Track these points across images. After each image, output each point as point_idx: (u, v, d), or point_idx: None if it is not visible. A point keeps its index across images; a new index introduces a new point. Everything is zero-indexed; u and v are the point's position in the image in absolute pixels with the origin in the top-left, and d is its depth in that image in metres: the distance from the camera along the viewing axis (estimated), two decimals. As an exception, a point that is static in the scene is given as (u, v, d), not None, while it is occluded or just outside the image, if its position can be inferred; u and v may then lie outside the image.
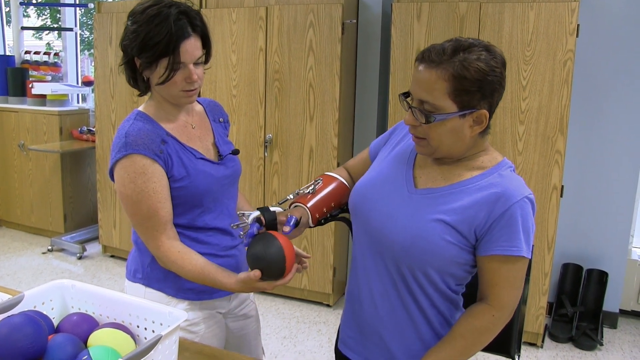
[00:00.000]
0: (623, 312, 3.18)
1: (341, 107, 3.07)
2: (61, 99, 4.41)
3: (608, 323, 3.09)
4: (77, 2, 4.88)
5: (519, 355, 1.46)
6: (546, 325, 2.99)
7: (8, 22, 5.11)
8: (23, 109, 4.36)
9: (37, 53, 4.73)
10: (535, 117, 2.63)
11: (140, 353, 0.94)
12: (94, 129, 4.10)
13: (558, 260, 3.13)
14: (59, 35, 5.04)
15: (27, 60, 4.74)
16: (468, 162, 1.18)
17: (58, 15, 5.21)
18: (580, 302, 3.06)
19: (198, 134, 1.40)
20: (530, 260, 1.19)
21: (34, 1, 6.10)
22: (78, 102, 4.87)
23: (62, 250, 4.16)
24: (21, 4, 4.82)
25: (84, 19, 5.96)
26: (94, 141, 4.06)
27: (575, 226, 3.10)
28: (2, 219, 4.68)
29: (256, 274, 1.16)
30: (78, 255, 4.01)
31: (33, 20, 7.23)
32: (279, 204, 1.33)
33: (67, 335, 1.05)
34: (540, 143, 2.64)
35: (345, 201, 1.37)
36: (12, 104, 4.48)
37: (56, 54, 4.82)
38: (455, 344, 1.16)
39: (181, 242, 1.31)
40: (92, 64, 4.42)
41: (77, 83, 4.93)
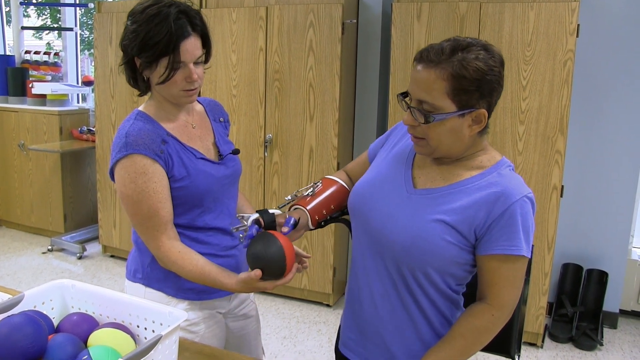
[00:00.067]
0: (623, 312, 3.18)
1: (341, 107, 3.07)
2: (61, 99, 4.41)
3: (608, 323, 3.09)
4: (77, 2, 4.88)
5: (519, 355, 1.46)
6: (546, 325, 2.99)
7: (8, 22, 5.11)
8: (23, 109, 4.36)
9: (37, 53, 4.73)
10: (535, 117, 2.63)
11: (140, 353, 0.94)
12: (94, 129, 4.10)
13: (558, 260, 3.13)
14: (59, 35, 5.04)
15: (27, 60, 4.74)
16: (467, 162, 1.18)
17: (58, 15, 5.21)
18: (580, 302, 3.06)
19: (198, 134, 1.40)
20: (530, 260, 1.19)
21: (34, 1, 6.10)
22: (78, 102, 4.87)
23: (62, 250, 4.16)
24: (21, 3, 4.81)
25: (84, 18, 5.96)
26: (94, 141, 4.06)
27: (575, 226, 3.10)
28: (2, 218, 4.68)
29: (257, 273, 1.16)
30: (78, 255, 4.01)
31: (33, 20, 7.23)
32: (278, 207, 1.33)
33: (67, 335, 1.05)
34: (540, 143, 2.64)
35: (344, 204, 1.36)
36: (12, 104, 4.48)
37: (56, 54, 4.82)
38: (455, 344, 1.16)
39: (181, 242, 1.31)
40: (92, 64, 4.42)
41: (77, 83, 4.93)
